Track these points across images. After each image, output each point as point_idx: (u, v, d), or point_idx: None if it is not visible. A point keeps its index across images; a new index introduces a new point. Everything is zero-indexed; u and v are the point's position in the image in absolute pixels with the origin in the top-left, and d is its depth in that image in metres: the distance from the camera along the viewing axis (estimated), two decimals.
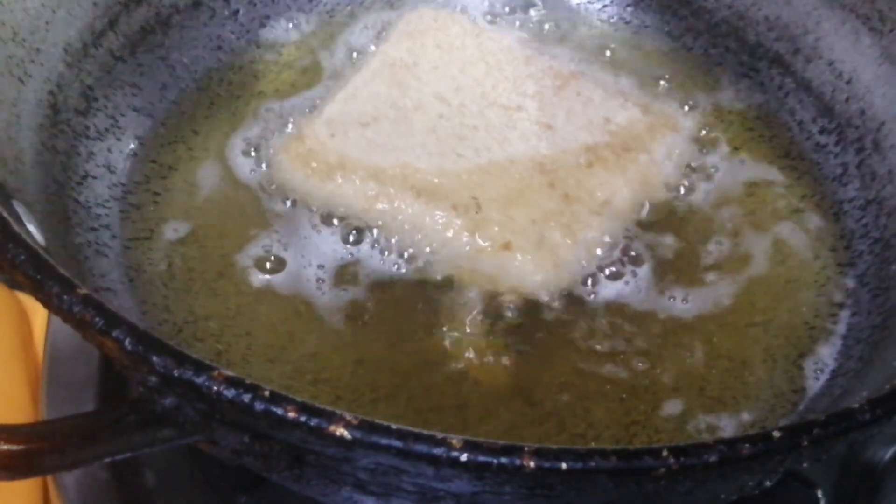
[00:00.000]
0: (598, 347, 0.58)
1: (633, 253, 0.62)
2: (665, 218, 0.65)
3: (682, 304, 0.60)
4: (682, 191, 0.66)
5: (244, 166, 0.66)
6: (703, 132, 0.70)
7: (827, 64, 0.69)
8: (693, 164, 0.67)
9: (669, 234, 0.64)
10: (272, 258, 0.61)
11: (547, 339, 0.58)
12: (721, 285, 0.62)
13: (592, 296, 0.60)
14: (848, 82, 0.67)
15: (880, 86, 0.65)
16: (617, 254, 0.62)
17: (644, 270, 0.61)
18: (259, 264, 0.61)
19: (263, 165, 0.65)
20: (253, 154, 0.66)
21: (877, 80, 0.66)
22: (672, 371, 0.57)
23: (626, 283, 0.61)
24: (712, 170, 0.68)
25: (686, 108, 0.71)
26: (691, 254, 0.63)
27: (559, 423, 0.55)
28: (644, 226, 0.64)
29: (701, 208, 0.65)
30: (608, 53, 0.75)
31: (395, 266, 0.60)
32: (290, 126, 0.67)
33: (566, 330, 0.59)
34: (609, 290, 0.60)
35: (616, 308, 0.60)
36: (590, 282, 0.60)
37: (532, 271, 0.59)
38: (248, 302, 0.59)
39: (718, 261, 0.63)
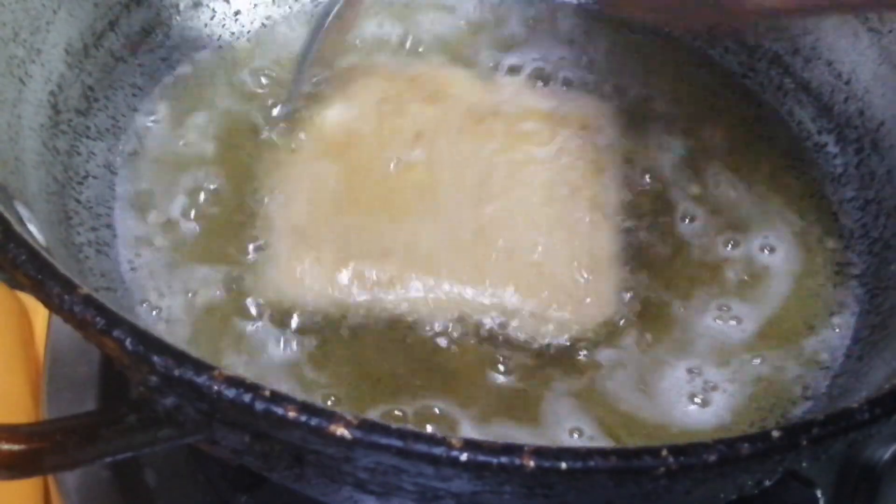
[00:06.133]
0: None
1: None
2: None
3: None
4: None
5: None
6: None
7: (826, 64, 0.69)
8: None
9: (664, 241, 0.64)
10: None
11: None
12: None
13: None
14: (847, 83, 0.68)
15: (879, 86, 0.65)
16: None
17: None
18: None
19: None
20: None
21: (875, 81, 0.66)
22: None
23: None
24: None
25: None
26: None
27: None
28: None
29: None
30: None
31: None
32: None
33: None
34: None
35: None
36: None
37: None
38: None
39: (717, 261, 0.63)
